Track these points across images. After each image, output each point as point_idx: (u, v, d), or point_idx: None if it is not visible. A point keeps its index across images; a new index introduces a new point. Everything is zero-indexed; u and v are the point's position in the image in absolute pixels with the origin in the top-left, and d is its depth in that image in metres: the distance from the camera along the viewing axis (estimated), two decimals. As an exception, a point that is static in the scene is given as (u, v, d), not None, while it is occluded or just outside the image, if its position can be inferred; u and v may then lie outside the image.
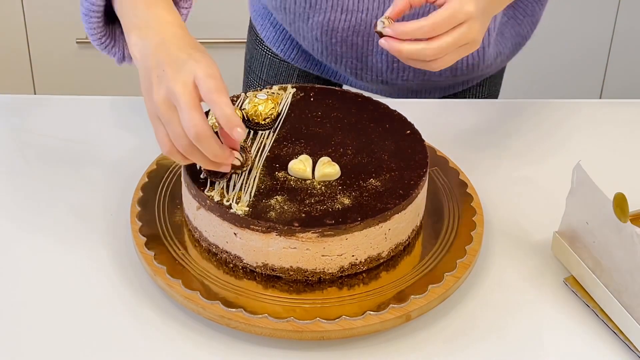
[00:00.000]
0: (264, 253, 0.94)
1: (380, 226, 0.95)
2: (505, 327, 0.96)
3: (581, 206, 0.96)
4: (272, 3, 1.27)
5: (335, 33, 1.23)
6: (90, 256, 1.01)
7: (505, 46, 1.29)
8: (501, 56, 1.30)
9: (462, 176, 1.09)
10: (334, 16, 1.21)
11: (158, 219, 1.02)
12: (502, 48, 1.29)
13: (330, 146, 1.03)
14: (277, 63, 1.37)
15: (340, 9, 1.21)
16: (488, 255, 1.03)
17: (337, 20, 1.22)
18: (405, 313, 0.93)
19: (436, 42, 0.97)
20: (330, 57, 1.27)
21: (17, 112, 1.22)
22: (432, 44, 0.97)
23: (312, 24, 1.24)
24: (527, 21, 1.30)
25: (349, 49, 1.24)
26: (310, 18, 1.23)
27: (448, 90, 1.34)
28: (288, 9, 1.24)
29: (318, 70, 1.34)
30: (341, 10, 1.21)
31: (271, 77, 1.38)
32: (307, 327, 0.91)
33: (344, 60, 1.26)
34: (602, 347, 0.94)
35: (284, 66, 1.36)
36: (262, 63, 1.39)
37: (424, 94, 1.33)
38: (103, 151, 1.16)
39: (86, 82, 2.38)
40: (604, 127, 1.25)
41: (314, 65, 1.33)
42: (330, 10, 1.21)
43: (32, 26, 2.30)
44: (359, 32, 1.22)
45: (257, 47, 1.39)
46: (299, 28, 1.26)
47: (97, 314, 0.95)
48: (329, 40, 1.24)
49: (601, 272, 0.95)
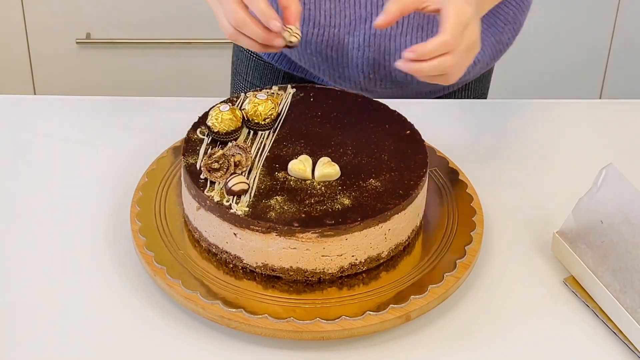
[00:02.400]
0: (263, 253, 0.94)
1: (380, 226, 0.95)
2: (505, 327, 0.96)
3: (601, 205, 0.95)
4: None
5: (309, 45, 1.23)
6: (90, 256, 1.01)
7: (484, 54, 1.28)
8: (480, 64, 1.29)
9: (462, 176, 1.09)
10: (307, 30, 1.21)
11: (158, 219, 1.02)
12: (481, 56, 1.28)
13: (330, 146, 1.03)
14: (262, 65, 1.36)
15: (312, 23, 1.21)
16: (488, 255, 1.03)
17: (310, 34, 1.21)
18: (405, 313, 0.93)
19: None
20: (308, 64, 1.27)
21: (17, 112, 1.22)
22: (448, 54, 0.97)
23: None
24: (508, 28, 1.28)
25: (324, 61, 1.24)
26: None
27: (429, 95, 1.33)
28: None
29: (302, 73, 1.33)
30: (313, 24, 1.21)
31: (257, 79, 1.38)
32: (307, 327, 0.91)
33: (322, 68, 1.26)
34: (602, 347, 0.94)
35: (269, 68, 1.36)
36: (248, 66, 1.38)
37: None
38: (103, 151, 1.16)
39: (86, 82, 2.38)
40: (604, 127, 1.25)
41: (298, 68, 1.33)
42: (302, 24, 1.21)
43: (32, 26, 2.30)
44: (332, 45, 1.22)
45: (242, 49, 1.39)
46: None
47: (97, 314, 0.95)
48: (304, 50, 1.24)
49: (603, 273, 0.95)
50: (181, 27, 2.29)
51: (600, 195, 0.96)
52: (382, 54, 1.22)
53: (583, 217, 0.97)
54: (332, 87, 1.13)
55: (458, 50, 0.97)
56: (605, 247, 0.95)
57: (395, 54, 1.22)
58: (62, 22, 2.29)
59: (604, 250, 0.95)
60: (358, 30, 1.20)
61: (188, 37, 2.30)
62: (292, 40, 1.02)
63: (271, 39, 1.01)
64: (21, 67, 2.36)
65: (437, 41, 0.96)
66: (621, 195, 0.94)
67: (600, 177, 0.96)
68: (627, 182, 0.94)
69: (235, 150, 0.98)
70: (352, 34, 1.20)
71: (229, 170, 0.96)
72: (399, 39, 1.20)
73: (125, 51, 2.33)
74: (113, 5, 2.28)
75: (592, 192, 0.97)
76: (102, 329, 0.94)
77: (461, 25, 0.97)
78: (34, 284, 0.98)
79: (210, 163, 0.96)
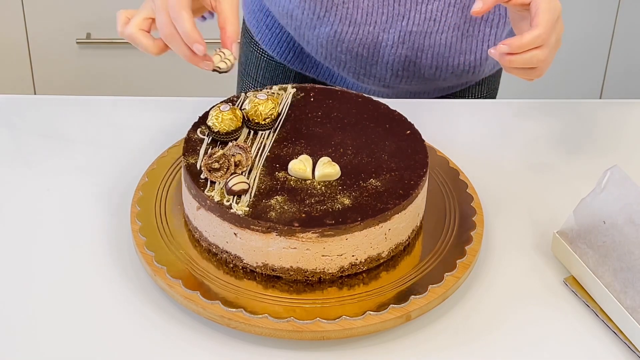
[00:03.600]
0: (264, 253, 0.94)
1: (381, 226, 0.95)
2: (505, 327, 0.96)
3: (604, 206, 0.95)
4: (277, 9, 1.27)
5: (341, 43, 1.23)
6: (90, 256, 1.01)
7: None
8: None
9: (462, 176, 1.09)
10: (341, 28, 1.21)
11: (158, 219, 1.02)
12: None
13: (330, 146, 1.03)
14: (273, 65, 1.36)
15: (348, 22, 1.21)
16: (488, 255, 1.03)
17: (344, 32, 1.21)
18: (405, 313, 0.93)
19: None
20: (333, 62, 1.27)
21: (17, 112, 1.22)
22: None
23: (318, 33, 1.24)
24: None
25: (354, 58, 1.25)
26: (317, 28, 1.23)
27: (447, 91, 1.34)
28: (295, 17, 1.24)
29: (315, 73, 1.34)
30: (349, 22, 1.21)
31: (267, 80, 1.38)
32: (307, 327, 0.91)
33: (348, 66, 1.26)
34: (602, 347, 0.94)
35: (281, 68, 1.36)
36: (258, 66, 1.38)
37: (423, 95, 1.33)
38: (103, 151, 1.16)
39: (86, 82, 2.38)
40: (604, 127, 1.25)
41: (311, 67, 1.33)
42: (337, 23, 1.21)
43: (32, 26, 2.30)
44: (365, 44, 1.22)
45: (252, 49, 1.39)
46: (304, 34, 1.26)
47: (97, 314, 0.95)
48: (334, 48, 1.24)
49: (603, 273, 0.95)
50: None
51: (604, 196, 0.96)
52: (415, 50, 1.22)
53: (585, 217, 0.97)
54: (333, 87, 1.13)
55: (549, 45, 0.99)
56: (607, 248, 0.95)
57: (428, 51, 1.23)
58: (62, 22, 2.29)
59: (605, 251, 0.95)
60: (394, 27, 1.20)
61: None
62: (220, 66, 0.99)
63: (197, 61, 0.98)
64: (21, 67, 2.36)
65: (532, 35, 0.97)
66: (626, 196, 0.94)
67: (604, 178, 0.96)
68: (632, 183, 0.94)
69: (235, 150, 0.98)
70: (388, 31, 1.20)
71: (229, 170, 0.96)
72: (434, 36, 1.21)
73: (125, 51, 2.33)
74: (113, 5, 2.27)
75: (596, 193, 0.97)
76: (102, 329, 0.94)
77: (552, 20, 0.98)
78: (34, 284, 0.98)
79: (210, 163, 0.96)
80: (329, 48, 1.24)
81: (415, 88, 1.29)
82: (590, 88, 2.48)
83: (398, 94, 1.32)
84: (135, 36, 1.01)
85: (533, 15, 0.99)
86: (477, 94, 1.38)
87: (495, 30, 1.23)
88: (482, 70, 1.28)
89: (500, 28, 1.24)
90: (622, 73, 2.46)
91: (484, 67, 1.28)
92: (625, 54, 2.43)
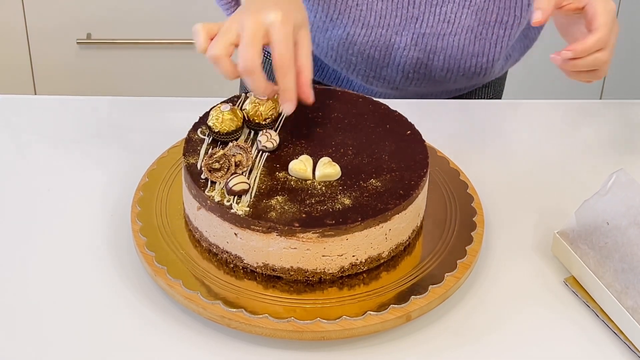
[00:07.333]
0: (264, 253, 0.94)
1: (381, 226, 0.95)
2: (505, 327, 0.96)
3: (608, 207, 0.95)
4: None
5: (352, 46, 1.23)
6: (90, 256, 1.01)
7: (514, 49, 1.30)
8: (511, 59, 1.31)
9: (462, 176, 1.09)
10: (354, 31, 1.21)
11: (159, 219, 1.02)
12: (512, 51, 1.30)
13: (330, 146, 1.03)
14: None
15: (360, 24, 1.21)
16: (488, 255, 1.03)
17: (357, 35, 1.21)
18: (405, 313, 0.93)
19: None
20: (343, 65, 1.27)
21: (17, 112, 1.22)
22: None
23: (330, 35, 1.23)
24: None
25: (365, 61, 1.25)
26: (329, 30, 1.23)
27: (455, 93, 1.34)
28: None
29: (321, 77, 1.33)
30: (362, 25, 1.21)
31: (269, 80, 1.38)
32: (307, 327, 0.91)
33: (358, 68, 1.26)
34: (602, 347, 0.94)
35: None
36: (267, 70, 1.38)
37: (431, 97, 1.33)
38: (103, 151, 1.16)
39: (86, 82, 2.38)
40: (604, 127, 1.25)
41: (317, 70, 1.33)
42: (350, 25, 1.21)
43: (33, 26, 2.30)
44: (377, 46, 1.22)
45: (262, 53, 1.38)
46: (314, 37, 1.25)
47: (97, 314, 0.95)
48: (345, 51, 1.24)
49: (604, 273, 0.95)
50: (181, 27, 2.29)
51: (608, 198, 0.96)
52: (427, 53, 1.22)
53: (587, 218, 0.97)
54: (333, 88, 1.13)
55: (610, 46, 0.99)
56: (609, 249, 0.95)
57: (441, 54, 1.23)
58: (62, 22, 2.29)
59: (606, 252, 0.95)
60: (407, 29, 1.20)
61: (188, 37, 2.29)
62: (267, 145, 1.00)
63: (269, 92, 0.99)
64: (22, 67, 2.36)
65: (594, 38, 0.98)
66: (631, 198, 0.94)
67: (610, 181, 0.96)
68: (638, 186, 0.94)
69: (236, 150, 0.98)
70: (401, 33, 1.20)
71: (229, 170, 0.96)
72: (448, 38, 1.21)
73: (125, 51, 2.34)
74: (113, 5, 2.28)
75: (600, 195, 0.97)
76: (103, 329, 0.94)
77: (610, 21, 0.99)
78: (35, 284, 0.98)
79: (210, 163, 0.96)
80: (340, 51, 1.24)
81: (424, 90, 1.29)
82: (590, 88, 2.48)
83: (406, 96, 1.32)
84: (222, 61, 0.97)
85: (590, 18, 0.99)
86: (483, 96, 1.38)
87: (509, 32, 1.23)
88: (492, 73, 1.28)
89: (515, 30, 1.24)
90: (622, 73, 2.46)
91: (495, 69, 1.28)
92: (625, 54, 2.43)
